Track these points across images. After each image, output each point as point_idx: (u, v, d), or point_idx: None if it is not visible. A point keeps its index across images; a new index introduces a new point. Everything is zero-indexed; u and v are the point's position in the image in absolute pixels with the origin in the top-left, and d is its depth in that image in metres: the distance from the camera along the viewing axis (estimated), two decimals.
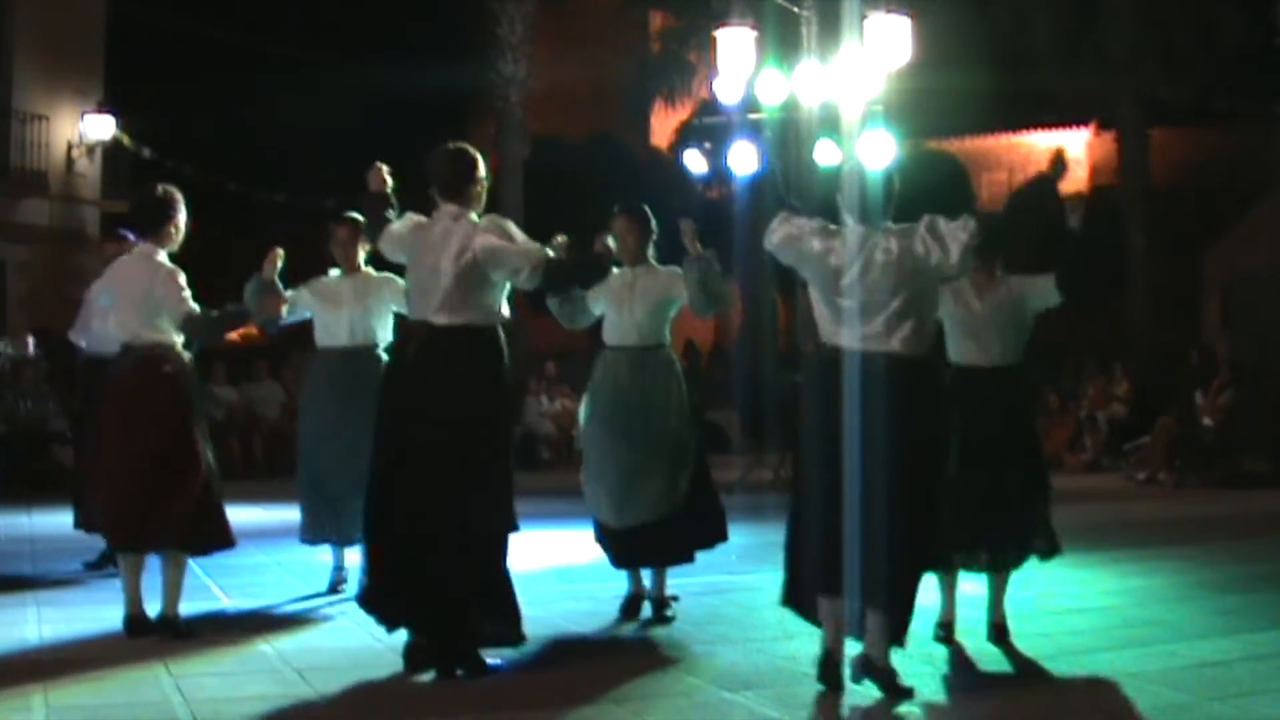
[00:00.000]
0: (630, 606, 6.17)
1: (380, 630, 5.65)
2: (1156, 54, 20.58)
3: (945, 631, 5.58)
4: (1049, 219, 5.25)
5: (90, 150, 19.70)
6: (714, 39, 13.06)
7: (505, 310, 5.23)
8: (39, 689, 4.67)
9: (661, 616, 6.07)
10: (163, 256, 5.85)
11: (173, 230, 5.89)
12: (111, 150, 19.93)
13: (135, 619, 5.59)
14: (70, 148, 19.54)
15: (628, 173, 20.25)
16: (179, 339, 5.75)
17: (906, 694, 4.58)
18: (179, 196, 5.94)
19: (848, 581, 4.57)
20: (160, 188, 5.96)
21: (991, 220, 5.36)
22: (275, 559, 7.04)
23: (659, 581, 6.15)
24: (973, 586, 5.63)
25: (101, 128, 19.42)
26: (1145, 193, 21.40)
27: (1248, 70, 20.35)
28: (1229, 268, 21.21)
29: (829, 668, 4.68)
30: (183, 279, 5.78)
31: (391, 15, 25.71)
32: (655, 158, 22.78)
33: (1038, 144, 26.57)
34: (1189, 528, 9.98)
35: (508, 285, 5.17)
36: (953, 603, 5.59)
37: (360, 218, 6.00)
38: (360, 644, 5.52)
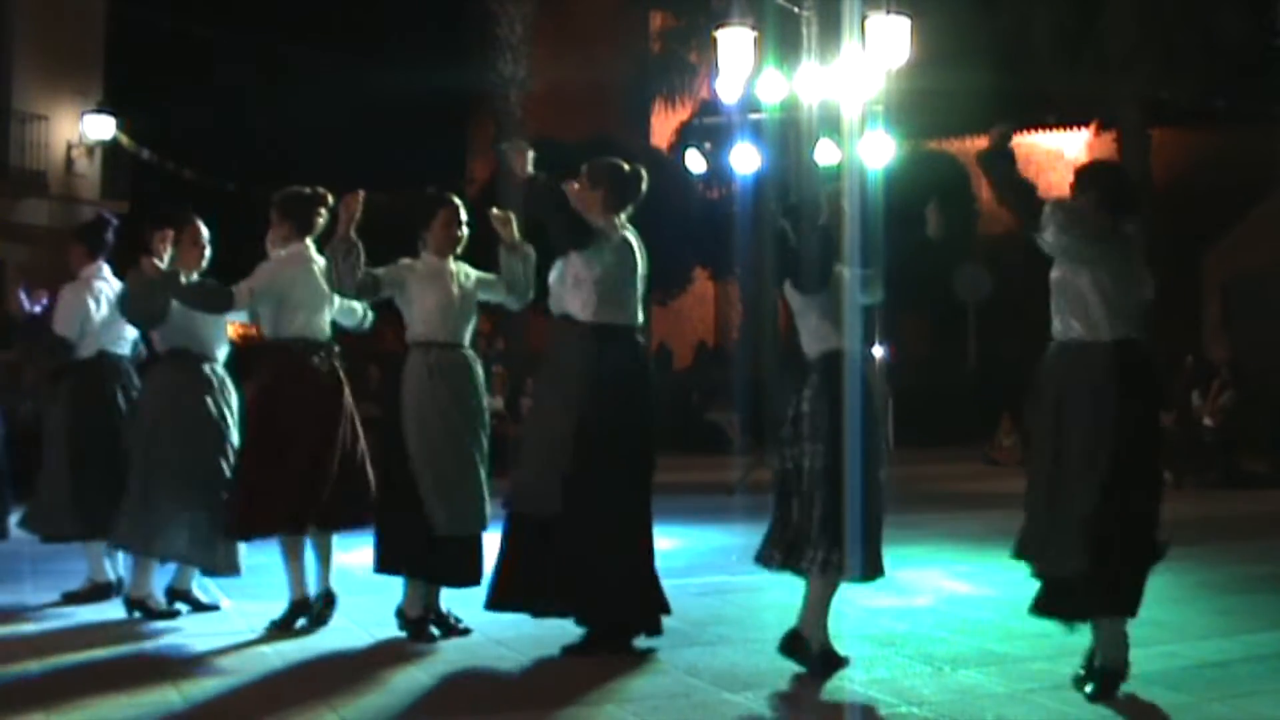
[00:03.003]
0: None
1: (379, 630, 5.67)
2: (1156, 54, 20.59)
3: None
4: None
5: (90, 150, 19.70)
6: (714, 39, 13.05)
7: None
8: (39, 689, 4.67)
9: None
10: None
11: (320, 224, 6.00)
12: (111, 150, 19.94)
13: (307, 601, 5.81)
14: (70, 148, 19.54)
15: None
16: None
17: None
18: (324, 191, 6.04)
19: None
20: (306, 188, 6.02)
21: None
22: (275, 559, 7.00)
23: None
24: (969, 586, 5.63)
25: (101, 128, 19.43)
26: (1145, 193, 21.40)
27: (1248, 70, 20.36)
28: (1229, 268, 21.21)
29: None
30: None
31: (392, 16, 25.77)
32: (655, 158, 22.70)
33: (1038, 144, 26.53)
34: (1189, 528, 9.94)
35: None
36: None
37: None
38: (360, 644, 5.53)
